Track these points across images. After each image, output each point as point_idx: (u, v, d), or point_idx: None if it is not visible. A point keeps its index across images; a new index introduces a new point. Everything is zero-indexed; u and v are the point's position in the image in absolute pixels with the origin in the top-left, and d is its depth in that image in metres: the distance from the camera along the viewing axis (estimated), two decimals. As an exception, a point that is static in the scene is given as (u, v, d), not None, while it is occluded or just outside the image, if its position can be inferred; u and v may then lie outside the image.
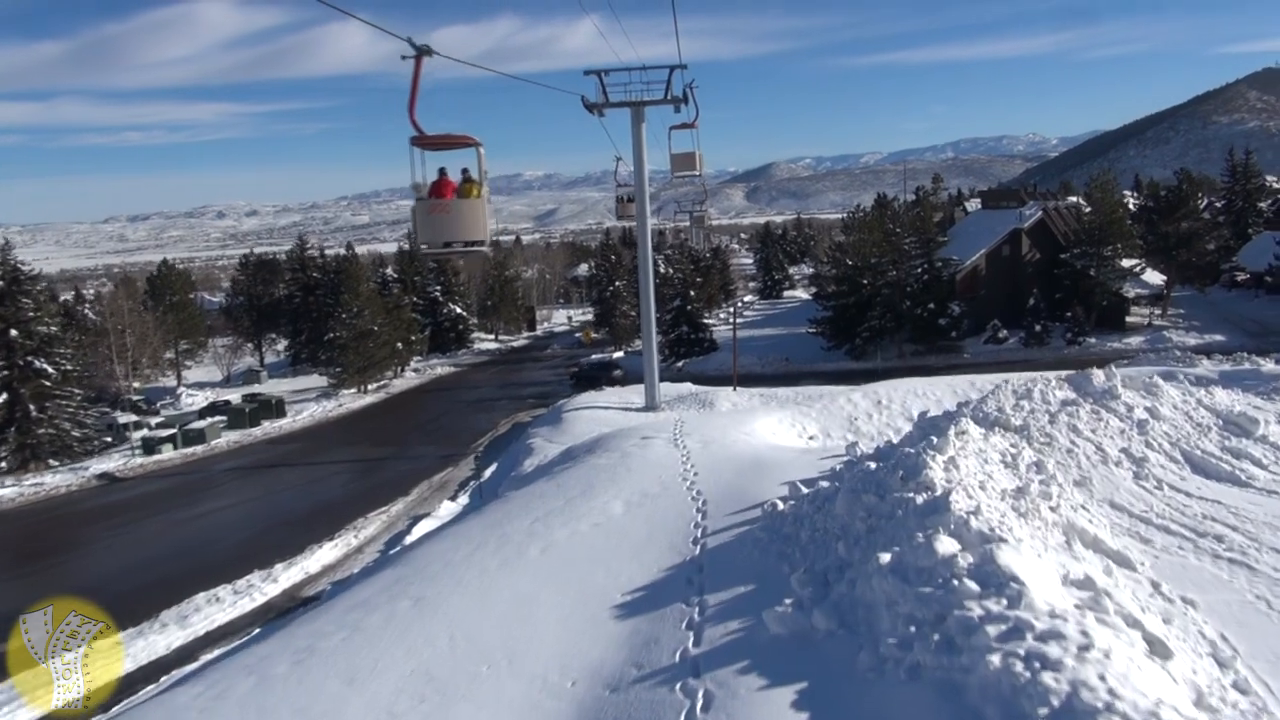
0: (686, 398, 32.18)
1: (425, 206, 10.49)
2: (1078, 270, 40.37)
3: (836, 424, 24.21)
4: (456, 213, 10.45)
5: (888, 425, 24.45)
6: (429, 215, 10.48)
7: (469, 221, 10.50)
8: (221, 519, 23.54)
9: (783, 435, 23.31)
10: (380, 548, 20.79)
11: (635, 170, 30.14)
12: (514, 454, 27.86)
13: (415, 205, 10.64)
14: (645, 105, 29.78)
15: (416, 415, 39.95)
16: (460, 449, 31.43)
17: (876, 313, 41.16)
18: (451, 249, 10.77)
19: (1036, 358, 38.79)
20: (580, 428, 28.47)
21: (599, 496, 15.52)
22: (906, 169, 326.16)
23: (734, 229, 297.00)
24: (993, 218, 45.25)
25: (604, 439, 23.21)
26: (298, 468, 29.79)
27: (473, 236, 10.65)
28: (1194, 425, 13.98)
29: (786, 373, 42.19)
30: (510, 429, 34.94)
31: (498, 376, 50.63)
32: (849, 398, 25.28)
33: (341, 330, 46.96)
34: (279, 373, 60.24)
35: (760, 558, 10.08)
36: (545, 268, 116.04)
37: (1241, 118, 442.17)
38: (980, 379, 26.49)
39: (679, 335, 45.62)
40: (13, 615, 7.64)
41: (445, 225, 10.46)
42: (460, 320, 64.34)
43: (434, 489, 26.20)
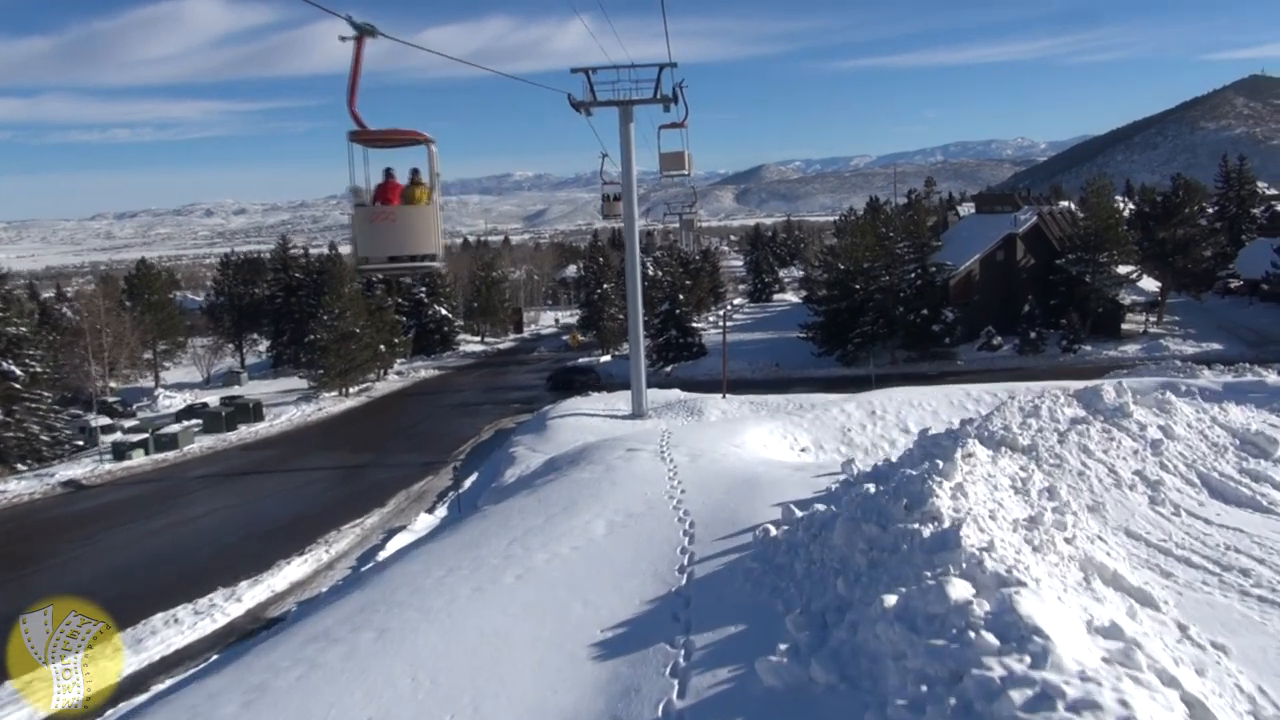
0: (675, 405, 31.41)
1: (366, 214, 9.13)
2: (1073, 276, 39.79)
3: (829, 435, 23.47)
4: (403, 222, 9.10)
5: (882, 437, 23.76)
6: (370, 225, 9.12)
7: (417, 232, 9.19)
8: (188, 531, 22.58)
9: (774, 447, 22.55)
10: (352, 564, 19.91)
11: (623, 171, 29.35)
12: (495, 463, 27.02)
13: (354, 213, 9.25)
14: (634, 104, 29.00)
15: (398, 420, 39.03)
16: (441, 456, 30.54)
17: (869, 318, 40.47)
18: (397, 264, 9.47)
19: (1031, 365, 38.24)
20: (565, 436, 27.66)
21: (581, 515, 14.75)
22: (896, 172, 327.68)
23: (724, 231, 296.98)
24: (986, 222, 44.66)
25: (588, 450, 22.41)
26: (272, 475, 28.83)
27: (422, 249, 9.29)
28: (1209, 445, 13.28)
29: (777, 379, 41.48)
30: (493, 435, 34.08)
31: (482, 380, 49.73)
32: (842, 408, 24.54)
33: (322, 332, 45.96)
34: (260, 374, 59.13)
35: (752, 592, 9.31)
36: (534, 268, 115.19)
37: (1229, 124, 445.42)
38: (976, 389, 25.82)
39: (667, 339, 44.84)
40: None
41: (389, 236, 9.10)
42: (445, 322, 63.39)
43: (412, 500, 25.31)
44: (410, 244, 9.21)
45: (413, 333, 62.80)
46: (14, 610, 7.86)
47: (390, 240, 9.14)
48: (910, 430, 24.12)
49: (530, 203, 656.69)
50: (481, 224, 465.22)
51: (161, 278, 59.92)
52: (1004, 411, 14.13)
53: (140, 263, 59.55)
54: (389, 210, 9.20)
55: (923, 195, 45.92)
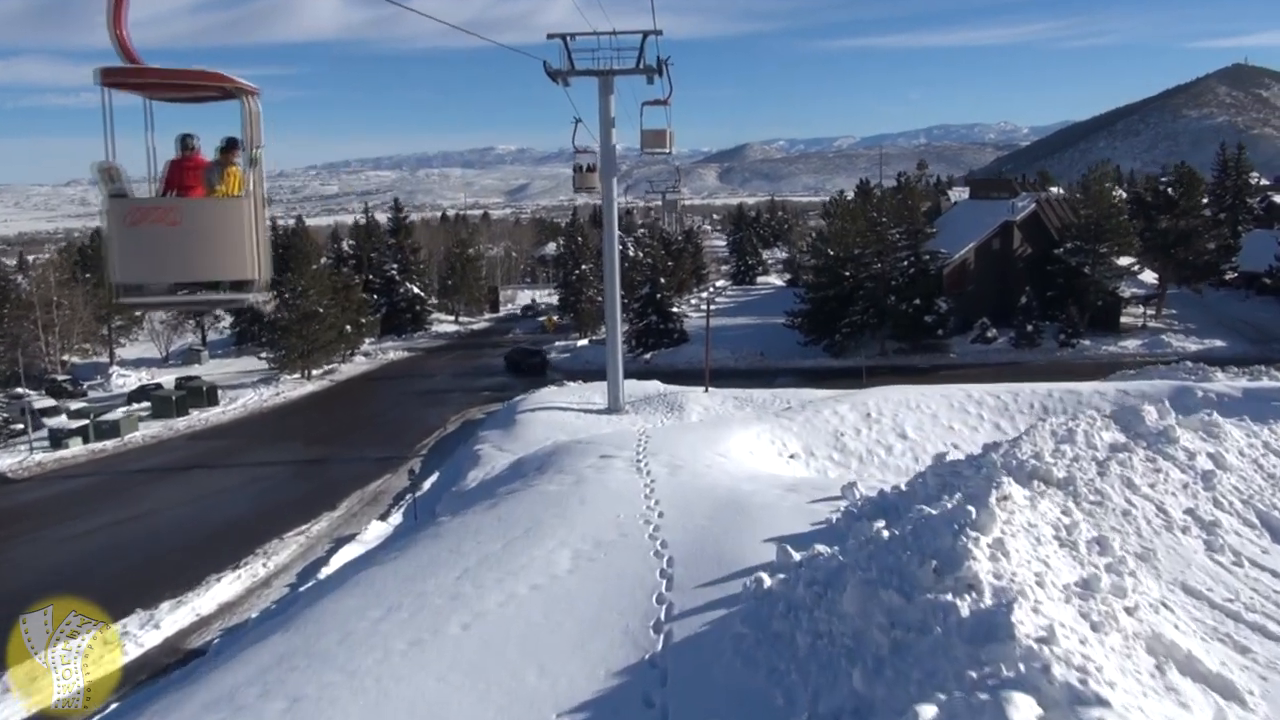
0: (654, 400, 29.44)
1: (126, 213, 5.43)
2: (1072, 268, 38.06)
3: (821, 440, 21.59)
4: (194, 224, 5.48)
5: (878, 443, 21.91)
6: (134, 232, 5.42)
7: (220, 242, 5.52)
8: (114, 538, 20.35)
9: (761, 453, 20.65)
10: (291, 580, 17.85)
11: (601, 147, 27.16)
12: (459, 462, 24.96)
13: (107, 210, 5.53)
14: (615, 75, 26.75)
15: (360, 407, 36.80)
16: (402, 451, 28.45)
17: (858, 307, 38.60)
18: (193, 298, 5.85)
19: (1028, 360, 36.56)
20: (534, 433, 25.66)
21: (544, 541, 12.90)
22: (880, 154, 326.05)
23: (706, 209, 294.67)
24: (982, 209, 42.80)
25: (558, 453, 20.42)
26: (218, 470, 26.61)
27: (233, 272, 5.63)
28: (1265, 477, 11.42)
29: (762, 368, 39.59)
30: (460, 427, 31.99)
31: (453, 363, 47.50)
32: (834, 409, 22.65)
33: (283, 311, 43.52)
34: (223, 352, 56.60)
35: (744, 671, 7.40)
36: (512, 244, 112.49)
37: (1211, 112, 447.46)
38: (977, 389, 24.01)
39: (647, 325, 42.79)
40: None
41: (170, 250, 5.43)
42: (417, 301, 60.95)
43: (366, 502, 23.23)
44: (208, 262, 5.57)
45: (383, 311, 60.35)
46: None
47: (171, 256, 5.48)
48: (908, 435, 22.33)
49: (513, 177, 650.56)
50: (462, 198, 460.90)
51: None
52: (1034, 436, 12.23)
53: (96, 233, 56.52)
54: (169, 208, 5.52)
55: (915, 179, 43.94)
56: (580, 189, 28.04)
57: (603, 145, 27.03)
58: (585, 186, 27.82)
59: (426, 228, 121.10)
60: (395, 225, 66.45)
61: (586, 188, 27.83)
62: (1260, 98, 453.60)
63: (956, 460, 12.12)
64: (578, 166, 27.28)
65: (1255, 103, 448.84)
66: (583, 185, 27.74)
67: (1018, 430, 23.69)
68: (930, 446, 22.01)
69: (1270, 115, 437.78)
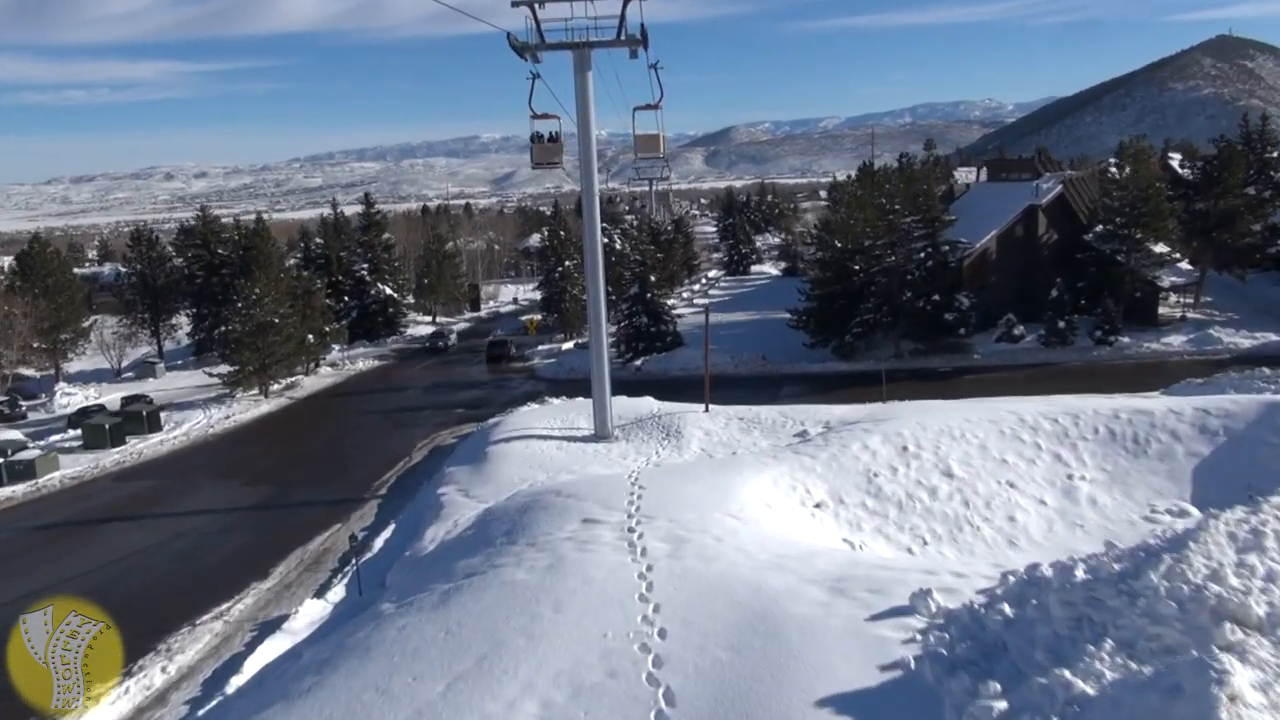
0: (647, 422, 25.62)
1: None
2: (1105, 255, 34.36)
3: (851, 484, 17.86)
4: None
5: (918, 483, 18.19)
6: None
7: None
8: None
9: (781, 504, 16.91)
10: (194, 693, 14.03)
11: (580, 132, 23.19)
12: (419, 510, 21.14)
13: None
14: (592, 47, 22.79)
15: (318, 432, 32.83)
16: (358, 490, 24.59)
17: (870, 305, 34.82)
18: None
19: (1061, 360, 32.89)
20: (507, 472, 21.84)
21: (503, 682, 9.64)
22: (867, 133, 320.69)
23: (693, 193, 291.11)
24: (1002, 192, 38.95)
25: (532, 510, 16.72)
26: (136, 524, 22.64)
27: None
28: None
29: (764, 375, 35.81)
30: (429, 455, 28.15)
31: (427, 373, 43.54)
32: (864, 443, 18.89)
33: (236, 321, 39.49)
34: (182, 363, 52.53)
35: None
36: (496, 236, 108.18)
37: (1197, 84, 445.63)
38: (1029, 410, 20.30)
39: (636, 328, 38.93)
40: None
41: None
42: (390, 302, 56.85)
43: (306, 565, 19.36)
44: None
45: (353, 314, 56.31)
46: None
47: None
48: (953, 472, 18.59)
49: (498, 165, 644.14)
50: (447, 188, 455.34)
51: (59, 257, 52.63)
52: (1205, 544, 8.43)
53: (34, 240, 52.24)
54: None
55: (926, 160, 39.74)
56: (541, 163, 23.19)
57: (580, 130, 23.10)
58: (547, 161, 23.16)
59: (407, 220, 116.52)
60: (367, 221, 62.25)
61: (548, 162, 23.20)
62: (1245, 69, 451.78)
63: (1092, 582, 8.36)
64: (536, 135, 22.65)
65: (1241, 74, 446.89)
66: (544, 159, 23.08)
67: (1083, 463, 19.94)
68: (982, 486, 18.33)
69: (1256, 86, 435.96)
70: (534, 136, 22.69)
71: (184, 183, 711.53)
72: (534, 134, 22.66)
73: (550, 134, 22.74)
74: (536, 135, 22.65)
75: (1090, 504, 18.17)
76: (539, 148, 22.79)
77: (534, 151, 22.98)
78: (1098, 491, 18.41)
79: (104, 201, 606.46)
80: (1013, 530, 17.43)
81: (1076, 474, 18.69)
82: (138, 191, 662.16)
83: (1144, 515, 17.93)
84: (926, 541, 17.01)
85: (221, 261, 52.33)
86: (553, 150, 22.97)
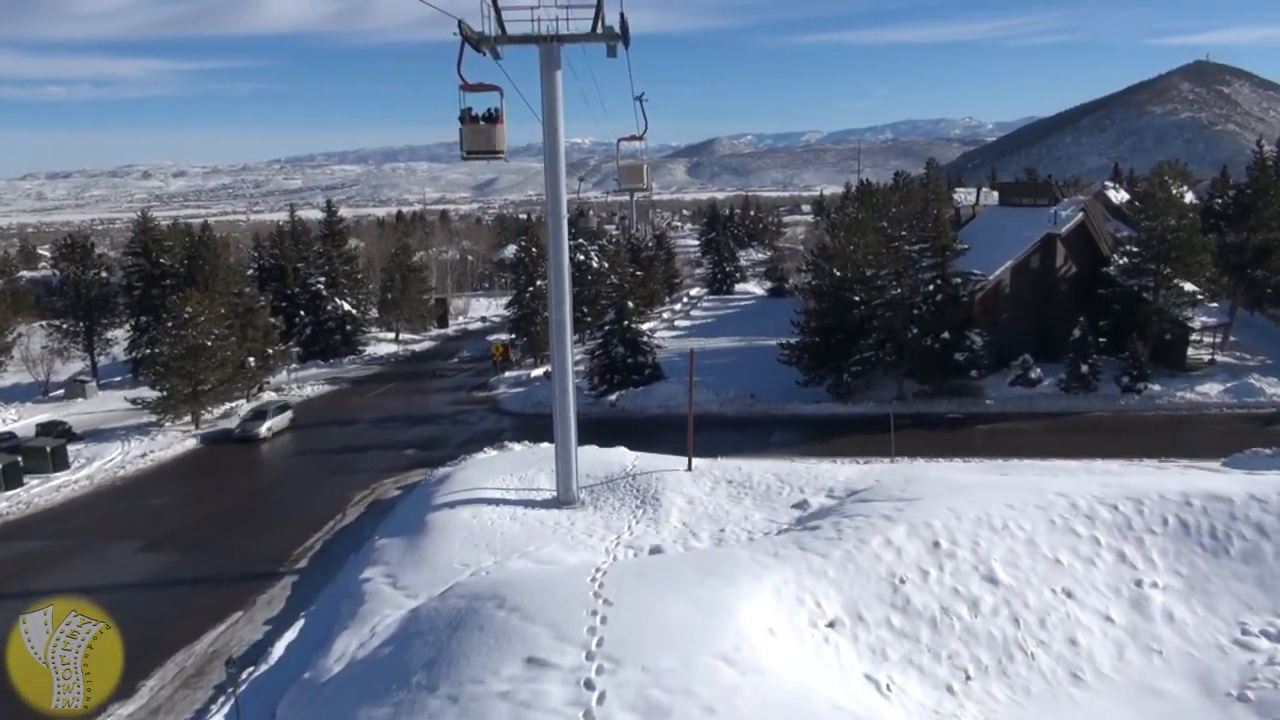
0: (619, 483, 21.82)
1: None
2: (1132, 291, 31.06)
3: (871, 593, 14.17)
4: None
5: (955, 593, 14.51)
6: None
7: None
8: None
9: (786, 627, 13.19)
10: None
11: (546, 140, 19.39)
12: (335, 600, 17.19)
13: None
14: (562, 42, 19.06)
15: (243, 477, 28.68)
16: (274, 560, 20.60)
17: (872, 341, 31.28)
18: None
19: (1084, 409, 29.45)
20: (447, 552, 17.96)
21: None
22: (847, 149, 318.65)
23: (676, 204, 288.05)
24: (1016, 218, 35.57)
25: (462, 632, 13.02)
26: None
27: None
28: None
29: (753, 416, 32.14)
30: (365, 513, 24.20)
31: (380, 402, 39.50)
32: (885, 537, 15.23)
33: (165, 344, 35.35)
34: (120, 380, 48.11)
35: None
36: (471, 245, 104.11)
37: (1174, 108, 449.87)
38: (1084, 495, 16.64)
39: (613, 359, 35.18)
40: None
41: None
42: (348, 319, 52.71)
43: (185, 678, 15.35)
44: None
45: (308, 332, 52.18)
46: None
47: None
48: (998, 578, 14.91)
49: (480, 171, 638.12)
50: (428, 192, 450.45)
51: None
52: None
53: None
54: None
55: (925, 179, 36.20)
56: (474, 152, 17.89)
57: (547, 139, 19.33)
58: (481, 149, 17.86)
59: (381, 227, 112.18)
60: (328, 230, 58.09)
61: (483, 150, 17.90)
62: (1222, 94, 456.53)
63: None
64: (467, 115, 17.54)
65: (1218, 99, 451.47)
66: (477, 146, 17.79)
67: (1152, 565, 16.45)
68: (1033, 596, 14.65)
69: (1232, 111, 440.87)
70: (464, 115, 17.55)
71: (162, 181, 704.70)
72: (464, 111, 17.52)
73: (487, 114, 17.94)
74: (468, 114, 17.59)
75: (1166, 620, 14.62)
76: (471, 130, 17.66)
77: (464, 136, 17.71)
78: (1174, 603, 14.87)
79: (79, 199, 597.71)
80: (1075, 658, 13.83)
81: (1146, 579, 15.14)
82: (114, 190, 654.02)
83: (1234, 638, 14.41)
84: (970, 676, 13.36)
85: (163, 272, 48.05)
86: (489, 134, 17.79)
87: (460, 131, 17.72)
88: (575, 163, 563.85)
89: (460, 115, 17.60)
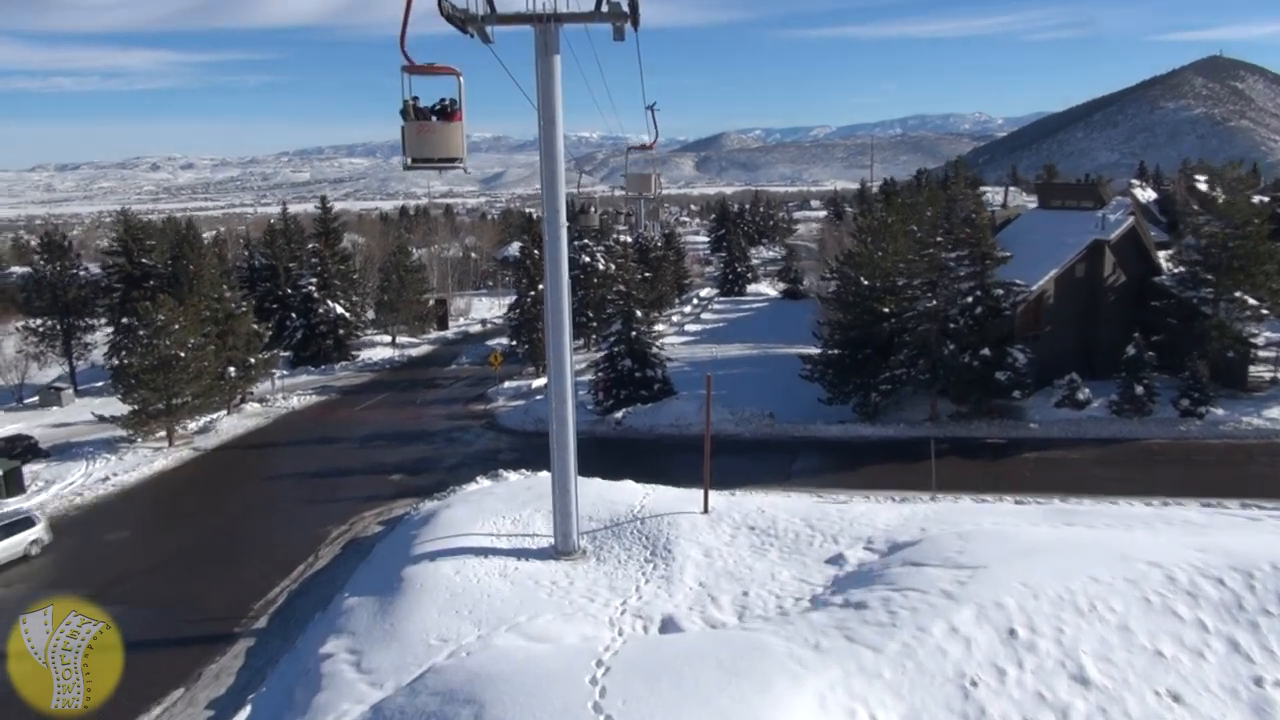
0: (625, 528, 19.13)
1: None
2: (1190, 304, 28.26)
3: (938, 700, 11.44)
4: None
5: (1039, 697, 11.77)
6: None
7: None
8: None
9: (836, 755, 10.50)
10: None
11: (541, 134, 16.70)
12: (288, 687, 14.55)
13: None
14: (560, 22, 16.30)
15: (209, 508, 25.99)
16: (232, 618, 18.01)
17: (903, 357, 28.53)
18: None
19: (1139, 435, 26.64)
20: (422, 622, 15.22)
21: None
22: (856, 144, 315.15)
23: (684, 199, 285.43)
24: (1058, 222, 32.68)
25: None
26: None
27: None
28: None
29: (773, 438, 29.40)
30: (342, 551, 21.59)
31: (369, 415, 36.87)
32: (950, 623, 12.53)
33: (137, 354, 32.80)
34: (101, 385, 45.59)
35: None
36: (475, 242, 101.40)
37: (1188, 104, 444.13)
38: (1182, 566, 13.97)
39: (620, 373, 32.47)
40: None
41: None
42: (341, 323, 50.10)
43: (101, 787, 12.77)
44: None
45: (299, 336, 49.62)
46: None
47: None
48: (1089, 677, 12.04)
49: (488, 165, 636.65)
50: (435, 185, 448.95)
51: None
52: None
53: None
54: None
55: (958, 179, 33.14)
56: (419, 160, 13.92)
57: (544, 135, 16.63)
58: (426, 156, 13.92)
59: (384, 222, 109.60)
60: (321, 228, 55.44)
61: (430, 159, 14.00)
62: (1236, 90, 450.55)
63: None
64: (411, 108, 13.74)
65: (1231, 95, 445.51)
66: (422, 152, 13.87)
67: (1272, 658, 13.62)
68: (1134, 702, 11.80)
69: (1246, 107, 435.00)
70: (406, 109, 13.70)
71: (170, 174, 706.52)
72: (407, 104, 13.68)
73: (439, 106, 14.16)
74: (413, 106, 13.77)
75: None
76: (416, 130, 13.73)
77: (407, 137, 13.77)
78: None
79: (88, 190, 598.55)
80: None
81: (1268, 676, 12.36)
82: (123, 181, 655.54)
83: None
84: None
85: (145, 272, 45.53)
86: (443, 136, 13.86)
87: (402, 132, 13.83)
88: (583, 156, 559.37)
89: (402, 109, 13.70)
